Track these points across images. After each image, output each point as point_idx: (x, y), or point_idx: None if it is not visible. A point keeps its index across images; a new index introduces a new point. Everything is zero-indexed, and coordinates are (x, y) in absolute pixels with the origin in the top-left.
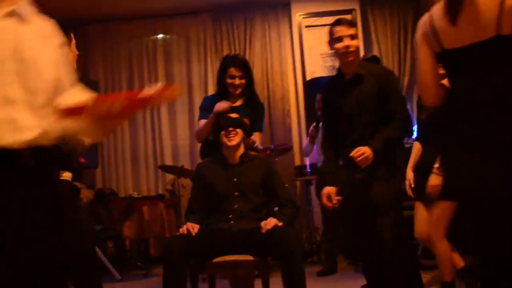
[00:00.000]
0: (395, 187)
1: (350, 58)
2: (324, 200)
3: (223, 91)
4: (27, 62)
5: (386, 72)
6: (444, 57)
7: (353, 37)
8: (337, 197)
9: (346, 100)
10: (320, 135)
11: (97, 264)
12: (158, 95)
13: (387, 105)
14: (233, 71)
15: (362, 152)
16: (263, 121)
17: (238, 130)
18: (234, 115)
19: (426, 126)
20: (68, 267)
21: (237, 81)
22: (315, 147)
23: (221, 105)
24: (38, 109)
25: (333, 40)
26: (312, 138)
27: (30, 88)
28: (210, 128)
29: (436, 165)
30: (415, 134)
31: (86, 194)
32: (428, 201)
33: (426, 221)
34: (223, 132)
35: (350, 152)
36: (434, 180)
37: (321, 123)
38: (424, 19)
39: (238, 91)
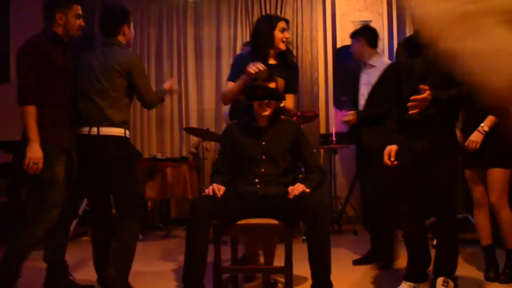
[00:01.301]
0: (456, 167)
1: None
2: (386, 158)
3: (263, 47)
4: None
5: None
6: None
7: None
8: (394, 161)
9: (416, 60)
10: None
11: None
12: None
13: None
14: (283, 24)
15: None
16: (297, 83)
17: (273, 101)
18: (272, 85)
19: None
20: None
21: (287, 35)
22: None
23: (253, 67)
24: None
25: None
26: None
27: None
28: (238, 92)
29: (482, 125)
30: None
31: None
32: (478, 168)
33: (482, 187)
34: (257, 102)
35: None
36: (476, 136)
37: None
38: None
39: (285, 47)
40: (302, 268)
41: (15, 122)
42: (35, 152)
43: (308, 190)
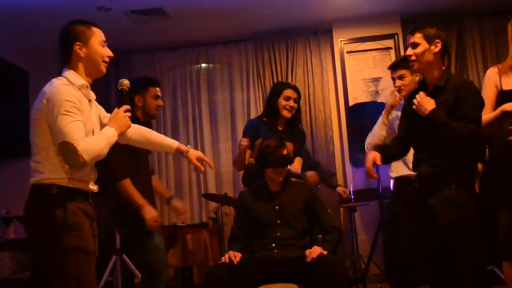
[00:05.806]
0: (468, 212)
1: (414, 67)
2: (369, 163)
3: (272, 113)
4: None
5: (465, 83)
6: None
7: (414, 45)
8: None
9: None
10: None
11: None
12: None
13: (460, 111)
14: (289, 92)
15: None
16: (304, 147)
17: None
18: (284, 152)
19: None
20: None
21: (291, 103)
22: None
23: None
24: None
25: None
26: None
27: None
28: (244, 158)
29: None
30: None
31: None
32: None
33: None
34: (271, 169)
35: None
36: None
37: None
38: None
39: (289, 114)
40: None
41: None
42: None
43: (325, 252)
